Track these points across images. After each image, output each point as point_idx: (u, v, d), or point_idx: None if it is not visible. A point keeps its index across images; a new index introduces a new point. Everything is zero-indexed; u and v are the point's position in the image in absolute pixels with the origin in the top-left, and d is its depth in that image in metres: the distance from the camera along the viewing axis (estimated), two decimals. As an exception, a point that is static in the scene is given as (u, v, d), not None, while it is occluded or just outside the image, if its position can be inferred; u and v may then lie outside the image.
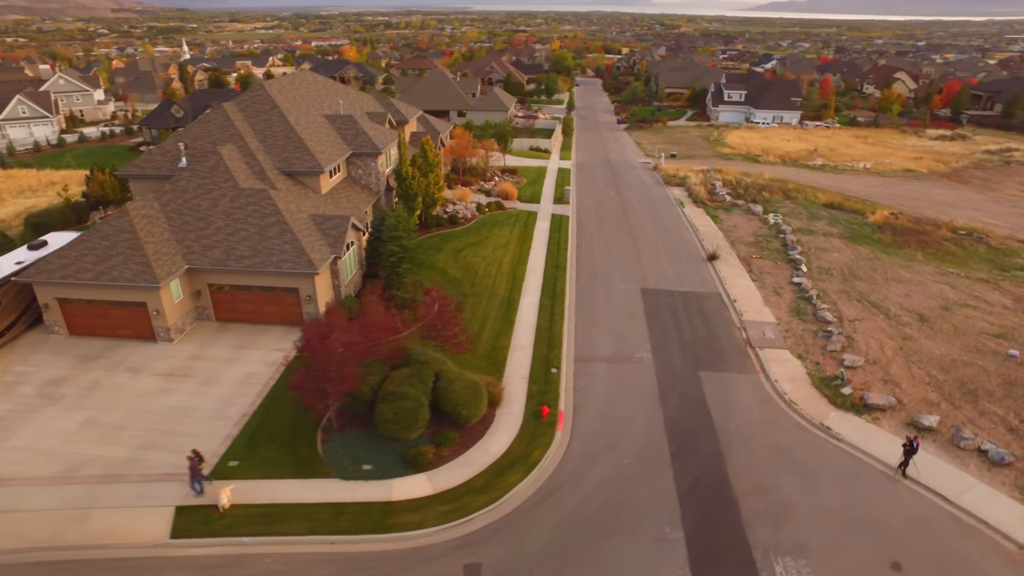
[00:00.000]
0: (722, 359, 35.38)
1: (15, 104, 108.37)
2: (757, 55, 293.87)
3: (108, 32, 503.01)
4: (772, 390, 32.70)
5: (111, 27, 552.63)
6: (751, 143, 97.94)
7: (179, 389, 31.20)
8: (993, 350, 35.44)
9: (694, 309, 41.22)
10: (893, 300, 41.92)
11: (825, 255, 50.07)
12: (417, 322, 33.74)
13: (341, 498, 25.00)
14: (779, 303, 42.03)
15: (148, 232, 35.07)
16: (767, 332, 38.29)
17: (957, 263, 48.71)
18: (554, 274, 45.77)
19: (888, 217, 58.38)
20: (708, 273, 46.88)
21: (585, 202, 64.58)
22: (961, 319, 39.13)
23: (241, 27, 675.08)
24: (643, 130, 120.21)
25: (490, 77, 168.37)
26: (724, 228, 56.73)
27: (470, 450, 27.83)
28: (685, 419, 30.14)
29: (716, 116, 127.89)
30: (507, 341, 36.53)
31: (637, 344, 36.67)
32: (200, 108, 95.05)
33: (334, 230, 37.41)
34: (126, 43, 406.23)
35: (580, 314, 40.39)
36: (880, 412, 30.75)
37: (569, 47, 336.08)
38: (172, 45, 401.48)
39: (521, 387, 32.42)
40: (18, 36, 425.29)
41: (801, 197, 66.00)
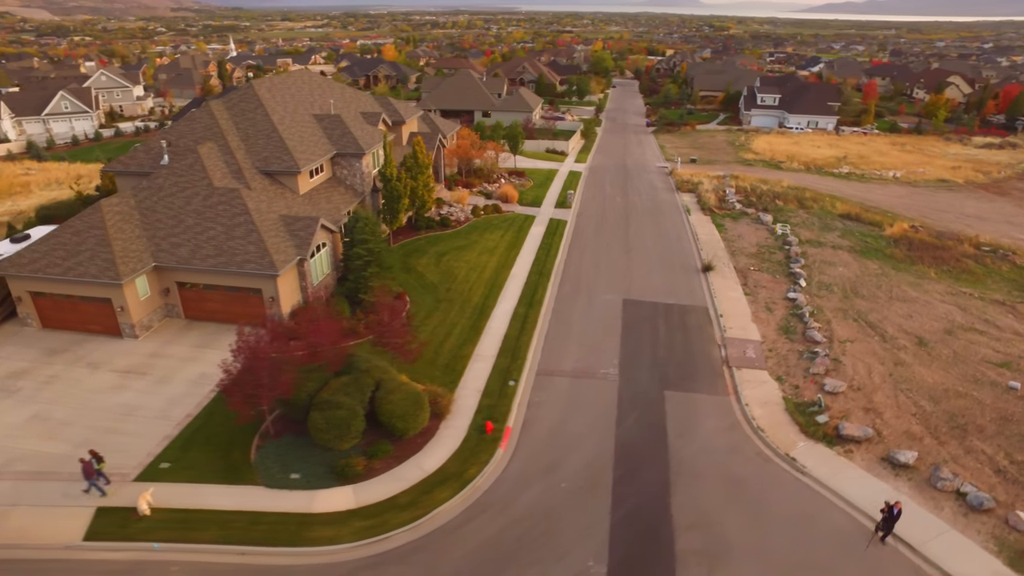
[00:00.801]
0: (693, 378, 33.54)
1: (58, 99, 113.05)
2: (805, 58, 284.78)
3: (166, 30, 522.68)
4: (741, 414, 30.76)
5: (169, 25, 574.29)
6: (777, 149, 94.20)
7: (132, 387, 31.28)
8: (993, 380, 32.56)
9: (675, 323, 39.36)
10: (893, 320, 39.14)
11: (829, 269, 47.30)
12: (375, 328, 32.96)
13: (261, 507, 24.47)
14: (768, 320, 39.77)
15: (119, 229, 35.38)
16: (748, 351, 36.19)
17: (973, 282, 45.29)
18: (536, 281, 44.50)
19: (906, 230, 54.91)
20: (699, 285, 44.83)
21: (588, 207, 62.96)
22: (963, 344, 36.18)
23: (292, 25, 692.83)
24: (671, 134, 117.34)
25: (521, 78, 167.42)
26: (728, 237, 54.33)
27: (403, 464, 26.94)
28: (638, 442, 28.56)
29: (748, 120, 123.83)
30: (470, 350, 35.50)
31: (606, 358, 35.12)
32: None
33: (302, 231, 37.09)
34: (181, 41, 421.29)
35: (554, 324, 39.04)
36: (854, 444, 28.52)
37: (612, 48, 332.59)
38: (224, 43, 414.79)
39: (473, 400, 31.36)
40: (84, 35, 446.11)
41: (817, 207, 62.81)
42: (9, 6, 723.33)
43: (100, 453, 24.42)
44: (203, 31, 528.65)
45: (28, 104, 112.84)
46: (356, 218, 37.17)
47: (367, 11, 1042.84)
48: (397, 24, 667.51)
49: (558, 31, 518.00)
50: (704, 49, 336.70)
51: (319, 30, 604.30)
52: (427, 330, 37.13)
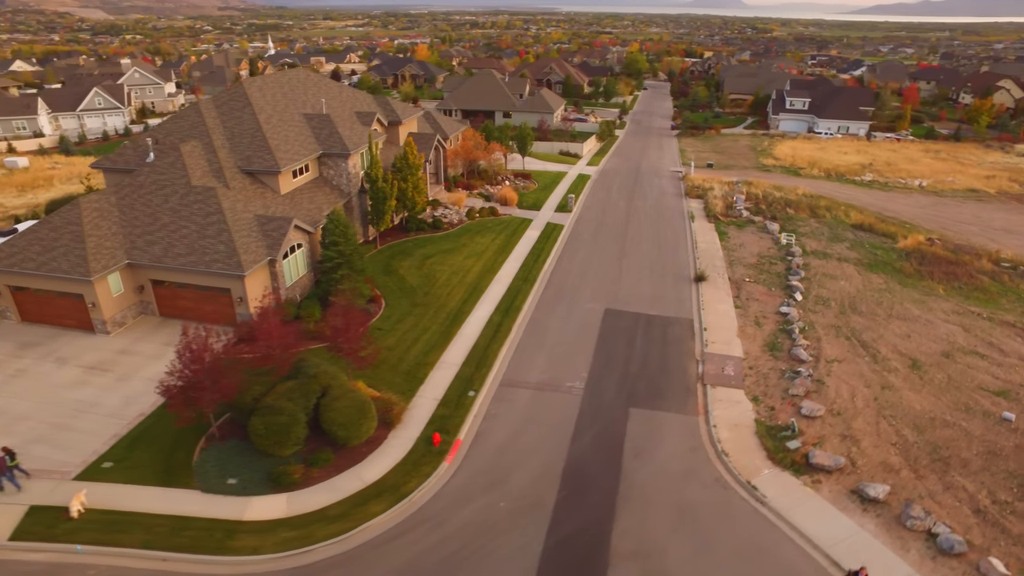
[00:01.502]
0: (663, 395, 32.07)
1: (92, 96, 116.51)
2: (848, 61, 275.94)
3: (212, 29, 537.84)
4: (707, 436, 29.21)
5: (215, 24, 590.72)
6: (800, 155, 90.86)
7: (94, 383, 31.47)
8: (986, 410, 30.23)
9: (655, 335, 37.85)
10: (888, 340, 36.86)
11: (830, 283, 45.00)
12: (329, 333, 32.21)
13: (193, 512, 24.15)
14: (755, 335, 37.93)
15: (95, 225, 35.74)
16: (728, 368, 34.50)
17: (985, 301, 42.44)
18: (519, 288, 43.48)
19: (921, 243, 51.97)
20: (689, 296, 43.14)
21: (589, 211, 61.57)
22: (960, 369, 33.76)
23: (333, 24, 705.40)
24: (694, 137, 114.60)
25: (548, 78, 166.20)
26: (729, 246, 52.31)
27: (343, 473, 26.32)
28: (591, 461, 27.33)
29: (776, 125, 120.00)
30: (436, 357, 34.74)
31: (574, 371, 33.92)
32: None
33: (275, 232, 36.89)
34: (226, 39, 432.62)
35: (528, 333, 37.98)
36: (824, 474, 26.74)
37: (649, 50, 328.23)
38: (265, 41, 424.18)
39: (429, 409, 30.58)
40: (135, 33, 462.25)
41: (830, 216, 60.09)
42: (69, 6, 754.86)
43: (13, 450, 24.57)
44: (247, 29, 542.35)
45: (65, 100, 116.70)
46: (329, 219, 36.76)
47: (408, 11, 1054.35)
48: (437, 24, 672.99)
49: (597, 32, 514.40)
50: (743, 51, 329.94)
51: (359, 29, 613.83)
52: (397, 334, 36.55)
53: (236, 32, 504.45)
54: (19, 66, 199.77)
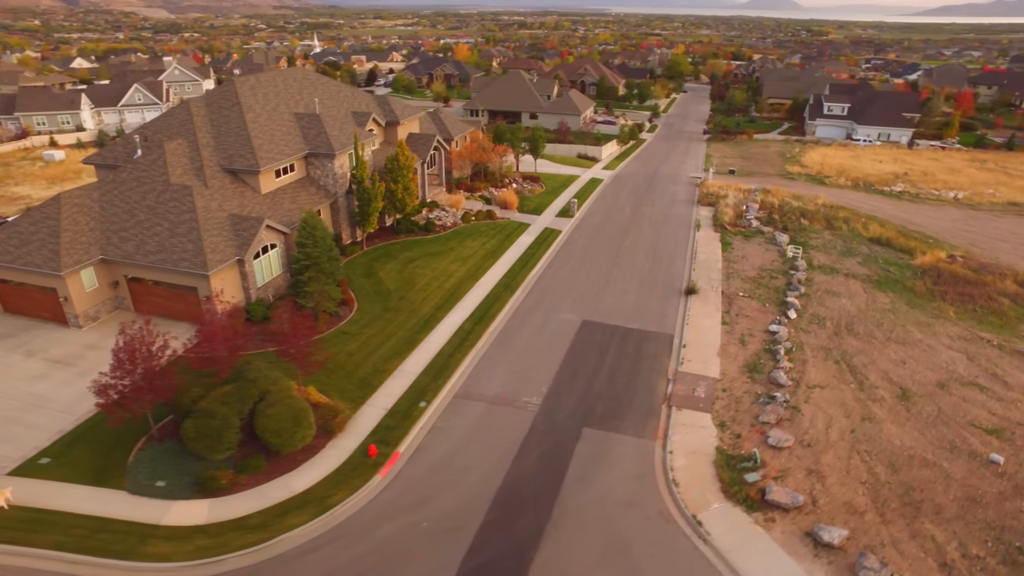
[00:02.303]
0: (622, 416, 30.45)
1: (132, 92, 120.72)
2: (904, 65, 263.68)
3: (265, 27, 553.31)
4: (660, 463, 27.51)
5: (269, 22, 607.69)
6: (830, 162, 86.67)
7: (55, 377, 31.86)
8: (973, 450, 27.55)
9: (629, 351, 36.16)
10: (880, 366, 34.22)
11: (830, 300, 42.29)
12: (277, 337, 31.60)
13: (115, 513, 23.99)
14: (737, 354, 35.82)
15: (72, 220, 36.30)
16: (699, 389, 32.60)
17: (1000, 326, 39.07)
18: (499, 295, 42.36)
19: (940, 260, 48.43)
20: (675, 309, 41.19)
21: (592, 217, 59.89)
22: (954, 402, 30.98)
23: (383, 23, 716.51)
24: (724, 142, 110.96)
25: (583, 80, 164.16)
26: (731, 257, 49.92)
27: (272, 481, 25.78)
28: (529, 483, 26.05)
29: (812, 131, 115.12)
30: (396, 365, 33.95)
31: (534, 385, 32.60)
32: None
33: (246, 232, 36.78)
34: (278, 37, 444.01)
35: (497, 343, 36.84)
36: (779, 512, 24.78)
37: (696, 52, 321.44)
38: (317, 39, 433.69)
39: (375, 419, 29.82)
40: (193, 31, 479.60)
41: (847, 228, 56.78)
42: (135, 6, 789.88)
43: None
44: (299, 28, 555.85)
45: (107, 96, 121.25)
46: (301, 221, 36.42)
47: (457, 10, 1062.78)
48: (485, 23, 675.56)
49: (646, 33, 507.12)
50: (793, 55, 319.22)
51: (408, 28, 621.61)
52: (361, 339, 35.95)
53: (288, 30, 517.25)
54: (78, 63, 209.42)
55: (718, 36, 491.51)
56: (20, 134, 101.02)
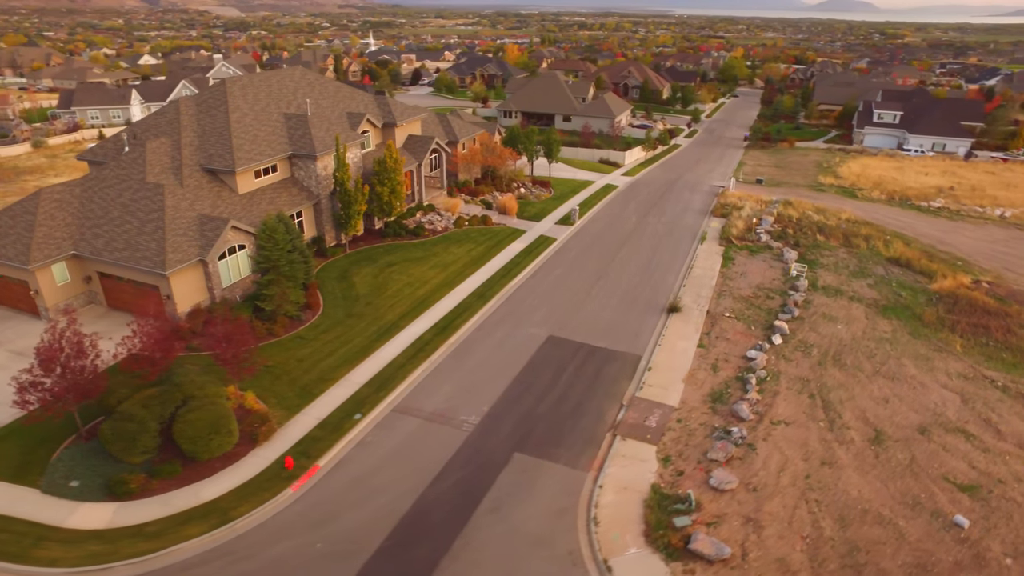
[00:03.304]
0: (560, 443, 28.76)
1: (180, 88, 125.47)
2: (983, 69, 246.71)
3: (329, 25, 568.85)
4: (586, 499, 25.73)
5: (333, 21, 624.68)
6: (868, 174, 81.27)
7: (11, 368, 32.38)
8: (938, 509, 24.55)
9: (589, 371, 34.32)
10: (859, 403, 31.22)
11: (824, 326, 39.14)
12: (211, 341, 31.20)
13: (22, 512, 24.14)
14: (705, 381, 33.47)
15: (50, 215, 37.29)
16: (651, 418, 30.53)
17: (1013, 364, 35.09)
18: (471, 304, 41.20)
19: (962, 285, 44.20)
20: (651, 328, 38.99)
21: (593, 225, 57.86)
22: (932, 450, 27.82)
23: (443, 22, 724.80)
24: (764, 149, 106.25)
25: (626, 82, 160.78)
26: (729, 274, 47.08)
27: (183, 488, 25.47)
28: (440, 509, 24.80)
29: (860, 139, 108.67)
30: (343, 374, 33.27)
31: (478, 403, 31.28)
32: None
33: (212, 232, 36.89)
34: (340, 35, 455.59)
35: (454, 355, 35.68)
36: (702, 564, 22.69)
37: (756, 56, 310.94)
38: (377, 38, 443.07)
39: (305, 429, 29.19)
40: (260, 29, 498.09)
41: (866, 246, 52.76)
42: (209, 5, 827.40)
43: None
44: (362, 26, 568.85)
45: (157, 91, 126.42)
46: (262, 224, 36.25)
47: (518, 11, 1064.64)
48: (545, 24, 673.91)
49: (708, 36, 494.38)
50: (861, 59, 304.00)
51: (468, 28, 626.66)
52: (315, 345, 35.47)
53: (351, 29, 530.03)
54: (145, 60, 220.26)
55: (783, 39, 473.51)
56: (72, 127, 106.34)
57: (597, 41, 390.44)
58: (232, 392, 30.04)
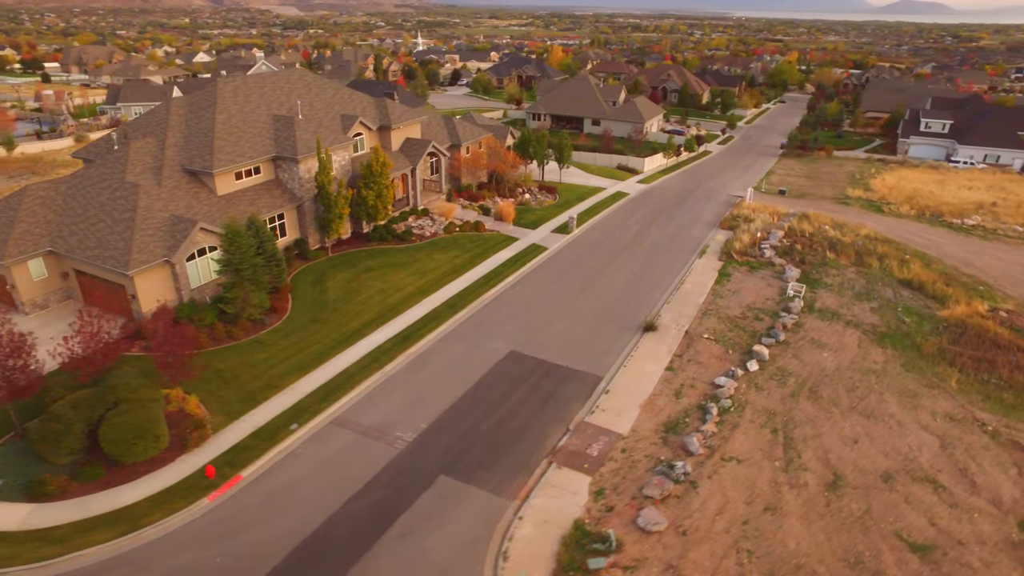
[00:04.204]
0: (492, 467, 27.57)
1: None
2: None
3: (384, 25, 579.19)
4: (501, 530, 24.46)
5: (388, 20, 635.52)
6: (903, 187, 76.31)
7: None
8: (879, 571, 22.14)
9: (543, 391, 32.93)
10: (825, 442, 28.79)
11: (809, 353, 36.53)
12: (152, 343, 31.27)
13: (-61, 510, 24.52)
14: (664, 408, 31.62)
15: (32, 212, 38.37)
16: (595, 447, 28.97)
17: (1013, 406, 31.77)
18: (440, 314, 40.35)
19: (976, 313, 40.59)
20: (622, 348, 37.23)
21: (589, 235, 56.10)
22: (892, 501, 25.27)
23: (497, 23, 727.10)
24: (798, 158, 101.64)
25: (665, 86, 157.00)
26: (720, 292, 44.70)
27: (103, 492, 25.51)
28: (348, 530, 24.02)
29: (905, 149, 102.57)
30: (291, 382, 32.91)
31: (418, 419, 30.38)
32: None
33: (180, 233, 37.19)
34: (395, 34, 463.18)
35: (408, 367, 34.88)
36: (611, 608, 21.15)
37: (813, 60, 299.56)
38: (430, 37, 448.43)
39: (239, 436, 28.91)
40: (317, 28, 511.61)
41: (879, 266, 49.27)
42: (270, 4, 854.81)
43: None
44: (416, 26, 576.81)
45: (198, 88, 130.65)
46: (224, 227, 36.27)
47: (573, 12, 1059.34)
48: (599, 25, 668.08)
49: (766, 39, 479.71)
50: (926, 64, 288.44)
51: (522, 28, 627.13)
52: (272, 350, 35.28)
53: (405, 28, 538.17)
54: (200, 58, 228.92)
55: (844, 43, 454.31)
56: (114, 123, 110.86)
57: (649, 44, 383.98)
58: (176, 395, 30.10)
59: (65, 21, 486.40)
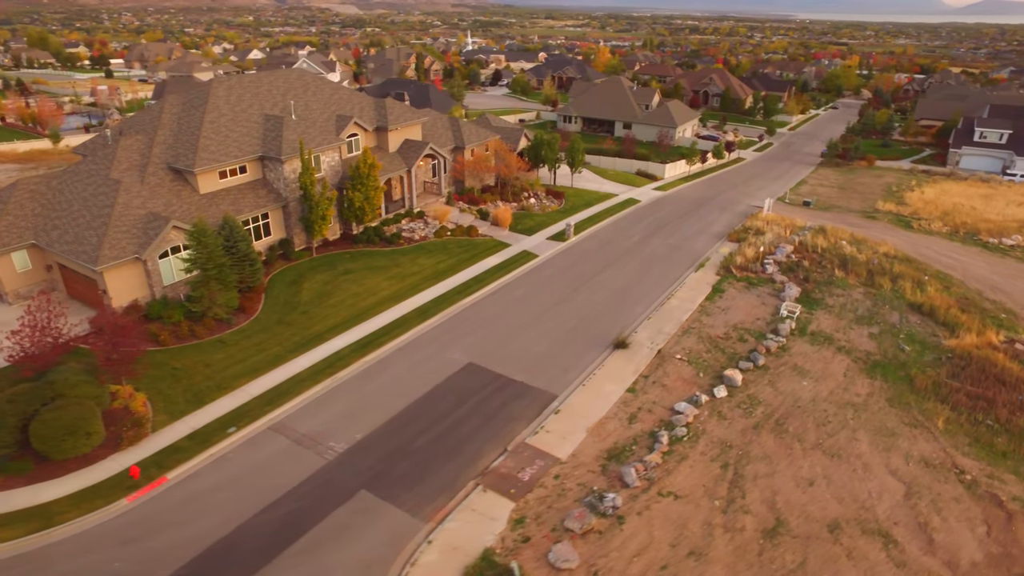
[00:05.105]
0: (415, 485, 26.65)
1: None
2: None
3: (440, 24, 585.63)
4: (406, 554, 23.50)
5: (444, 20, 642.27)
6: (942, 201, 71.15)
7: (-42, 347, 34.88)
8: (802, 630, 20.12)
9: (491, 407, 31.77)
10: (775, 482, 26.60)
11: (787, 380, 34.07)
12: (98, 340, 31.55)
13: None
14: (613, 433, 30.00)
15: (19, 206, 39.70)
16: (528, 470, 27.67)
17: (1002, 454, 28.56)
18: (408, 321, 39.69)
19: (988, 345, 37.08)
20: (586, 365, 35.64)
21: (586, 243, 54.37)
22: (832, 555, 22.97)
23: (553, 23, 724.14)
24: (836, 168, 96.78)
25: (706, 90, 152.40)
26: (709, 308, 42.41)
27: (26, 488, 25.85)
28: (253, 541, 23.59)
29: (956, 161, 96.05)
30: (243, 383, 32.85)
31: (355, 429, 29.76)
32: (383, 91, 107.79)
33: (153, 231, 37.74)
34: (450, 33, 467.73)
35: (361, 375, 34.34)
36: (500, 647, 19.95)
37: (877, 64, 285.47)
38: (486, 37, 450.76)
39: (175, 437, 28.98)
40: (375, 27, 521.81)
41: (890, 287, 45.81)
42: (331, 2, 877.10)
43: None
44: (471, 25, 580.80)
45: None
46: (192, 226, 36.56)
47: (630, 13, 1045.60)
48: (656, 27, 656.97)
49: (830, 42, 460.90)
50: (1004, 68, 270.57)
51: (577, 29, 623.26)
52: (231, 351, 35.37)
53: (461, 28, 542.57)
54: (254, 55, 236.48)
55: (915, 46, 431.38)
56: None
57: (705, 46, 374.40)
58: (125, 392, 30.43)
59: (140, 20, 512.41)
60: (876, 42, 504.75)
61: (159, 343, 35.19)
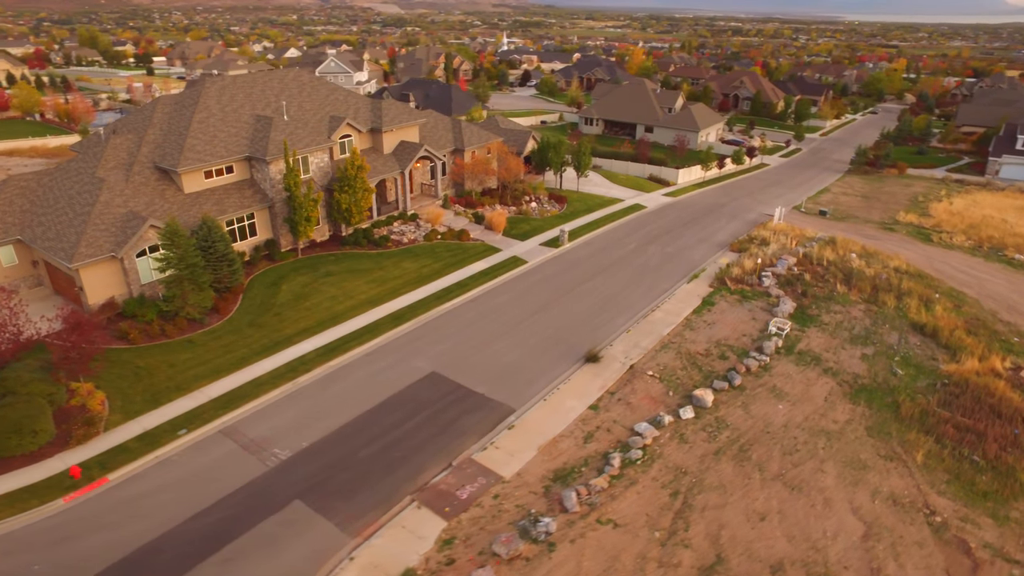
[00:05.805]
0: (352, 498, 26.07)
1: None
2: None
3: (480, 24, 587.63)
4: (326, 570, 22.87)
5: (484, 19, 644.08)
6: (970, 213, 67.23)
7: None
8: None
9: (444, 419, 30.98)
10: (726, 515, 25.07)
11: (762, 403, 32.32)
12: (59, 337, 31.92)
13: None
14: (563, 453, 28.89)
15: (8, 202, 40.70)
16: (468, 488, 26.80)
17: (982, 495, 26.32)
18: (381, 326, 39.23)
19: (990, 371, 34.54)
20: (553, 379, 34.53)
21: (580, 250, 53.06)
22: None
23: (593, 24, 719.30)
24: (864, 176, 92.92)
25: (736, 93, 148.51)
26: (694, 323, 40.76)
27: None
28: (176, 549, 23.32)
29: (996, 170, 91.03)
30: (203, 385, 32.84)
31: (300, 438, 29.34)
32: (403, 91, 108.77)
33: (131, 229, 38.15)
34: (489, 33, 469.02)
35: (321, 380, 33.97)
36: (402, 676, 19.18)
37: (927, 67, 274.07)
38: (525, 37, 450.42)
39: (125, 437, 29.04)
40: (415, 26, 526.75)
41: (895, 304, 43.29)
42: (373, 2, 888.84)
43: None
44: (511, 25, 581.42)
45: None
46: (165, 226, 36.78)
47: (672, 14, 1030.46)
48: (698, 28, 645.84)
49: (879, 45, 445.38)
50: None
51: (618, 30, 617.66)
52: (198, 351, 35.47)
53: (500, 27, 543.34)
54: (291, 53, 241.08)
55: (971, 48, 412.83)
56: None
57: (747, 48, 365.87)
58: (84, 390, 30.70)
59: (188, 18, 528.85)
60: (929, 44, 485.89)
61: (128, 341, 35.52)
